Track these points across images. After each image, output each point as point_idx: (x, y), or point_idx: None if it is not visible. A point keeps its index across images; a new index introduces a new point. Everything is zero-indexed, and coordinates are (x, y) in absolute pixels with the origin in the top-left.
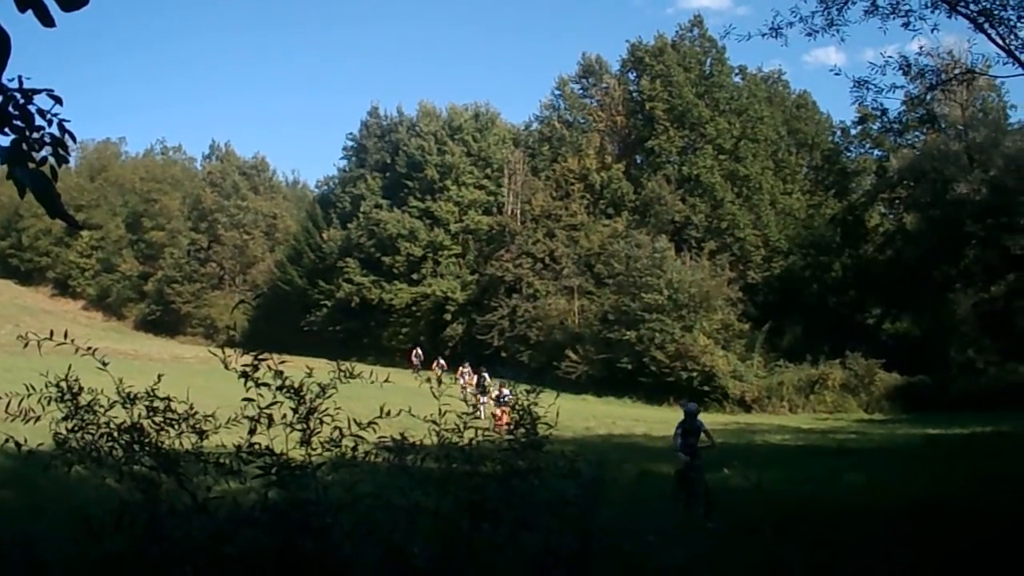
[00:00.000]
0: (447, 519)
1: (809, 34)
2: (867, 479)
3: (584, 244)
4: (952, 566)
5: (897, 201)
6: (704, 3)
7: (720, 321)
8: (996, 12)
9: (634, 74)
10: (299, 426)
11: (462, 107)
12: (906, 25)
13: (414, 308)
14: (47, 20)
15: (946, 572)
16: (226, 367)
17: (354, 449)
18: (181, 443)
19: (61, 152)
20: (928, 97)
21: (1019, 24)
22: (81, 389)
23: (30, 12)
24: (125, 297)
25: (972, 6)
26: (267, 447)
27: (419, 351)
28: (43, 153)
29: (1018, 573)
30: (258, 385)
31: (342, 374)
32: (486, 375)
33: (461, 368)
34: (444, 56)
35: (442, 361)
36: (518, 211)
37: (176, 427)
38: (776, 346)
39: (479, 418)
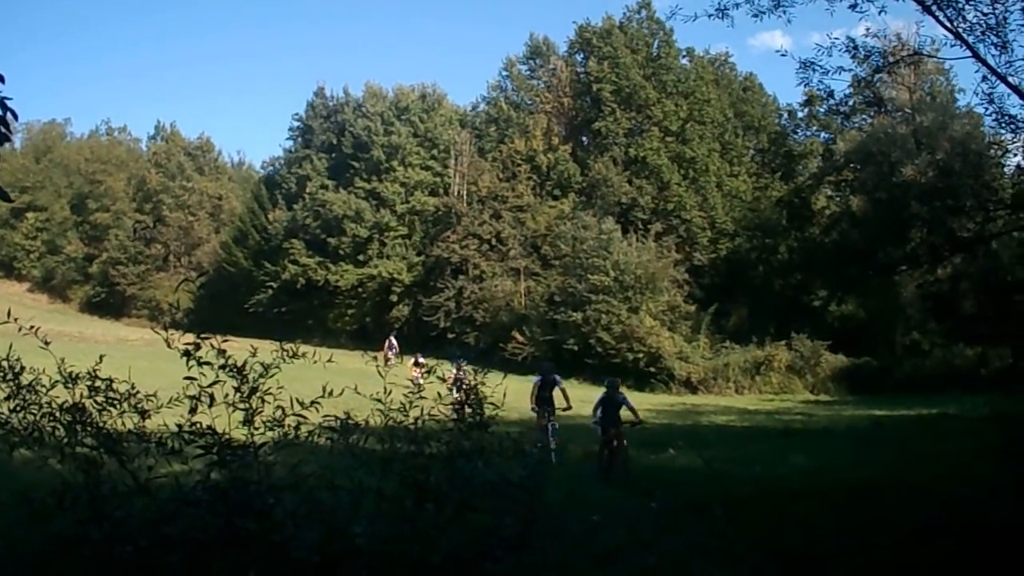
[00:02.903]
0: (391, 499)
1: (755, 15)
2: (813, 460)
3: (530, 225)
4: (895, 545)
5: (844, 184)
6: None
7: (666, 303)
8: None
9: (581, 56)
10: (242, 405)
11: (409, 88)
12: (853, 7)
13: (360, 290)
14: None
15: (889, 551)
16: (168, 345)
17: (297, 429)
18: (123, 423)
19: (3, 130)
20: (875, 80)
21: (967, 7)
22: (23, 369)
23: None
24: (70, 279)
25: None
26: (209, 427)
27: (393, 341)
28: None
29: (956, 551)
30: (200, 364)
31: (285, 354)
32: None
33: (456, 372)
34: (391, 36)
35: (421, 359)
36: (464, 192)
37: (118, 407)
38: (722, 328)
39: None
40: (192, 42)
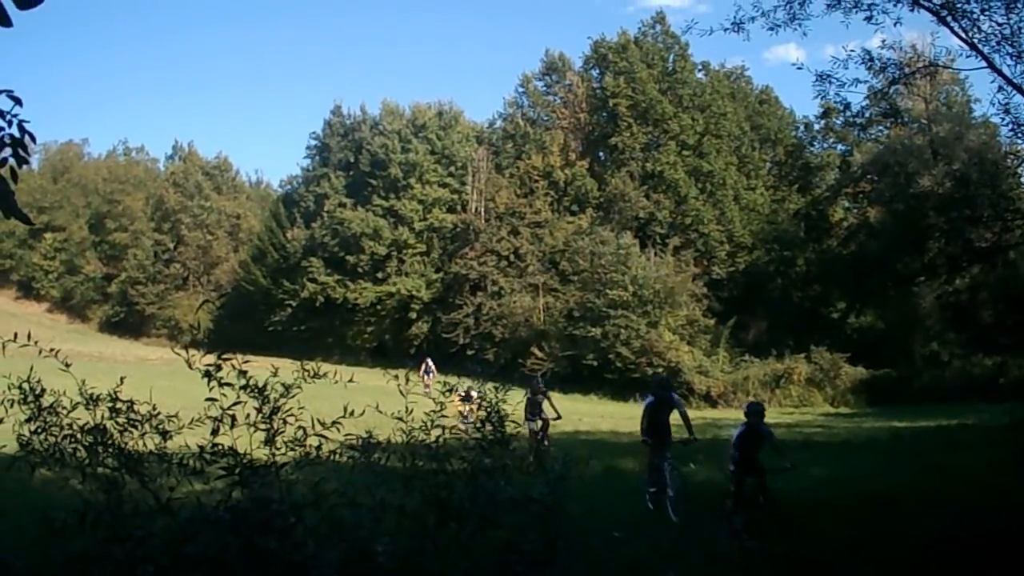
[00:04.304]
0: (412, 516)
1: (771, 28)
2: (832, 472)
3: (548, 241)
4: (913, 556)
5: (861, 195)
6: (665, 1)
7: (685, 317)
8: (958, 5)
9: (597, 71)
10: (263, 425)
11: (426, 105)
12: (869, 19)
13: (379, 307)
14: (3, 20)
15: (907, 562)
16: (190, 366)
17: (318, 448)
18: (144, 444)
19: (21, 153)
20: (891, 91)
21: (982, 17)
22: (44, 391)
23: None
24: (89, 299)
25: None
26: (230, 447)
27: (430, 363)
28: (3, 154)
29: (974, 561)
30: (221, 385)
31: (306, 373)
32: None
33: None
34: (407, 54)
35: (474, 393)
36: (482, 209)
37: (139, 428)
38: (741, 341)
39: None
40: (209, 62)
